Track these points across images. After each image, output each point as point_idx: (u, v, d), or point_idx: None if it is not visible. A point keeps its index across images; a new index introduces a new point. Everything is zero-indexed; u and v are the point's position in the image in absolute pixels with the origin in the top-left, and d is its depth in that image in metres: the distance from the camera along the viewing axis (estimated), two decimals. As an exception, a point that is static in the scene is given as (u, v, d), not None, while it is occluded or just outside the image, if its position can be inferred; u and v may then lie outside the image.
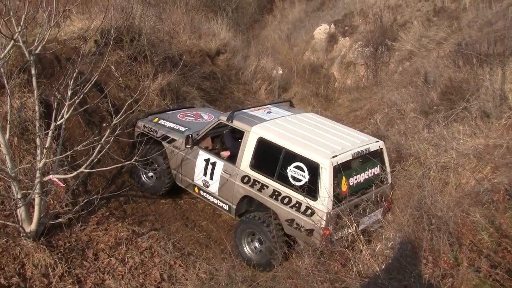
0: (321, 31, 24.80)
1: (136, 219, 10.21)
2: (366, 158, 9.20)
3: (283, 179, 9.00)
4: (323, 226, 8.31)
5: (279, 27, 30.31)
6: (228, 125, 10.05)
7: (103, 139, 8.00)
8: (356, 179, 8.99)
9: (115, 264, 8.76)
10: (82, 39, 12.35)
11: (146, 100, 12.58)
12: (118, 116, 8.06)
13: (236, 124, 9.90)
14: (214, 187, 10.20)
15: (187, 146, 10.34)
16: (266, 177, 9.27)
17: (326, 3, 29.22)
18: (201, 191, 10.55)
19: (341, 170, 8.60)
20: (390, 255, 6.39)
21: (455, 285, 5.33)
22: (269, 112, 10.39)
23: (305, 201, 8.53)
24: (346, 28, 23.98)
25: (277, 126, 9.66)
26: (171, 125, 11.12)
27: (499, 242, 5.77)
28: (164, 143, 10.92)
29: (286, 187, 8.96)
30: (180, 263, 9.05)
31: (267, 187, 9.23)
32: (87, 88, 8.22)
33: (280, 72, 21.48)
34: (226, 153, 10.33)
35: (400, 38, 20.13)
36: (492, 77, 11.39)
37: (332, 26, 24.56)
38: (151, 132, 11.13)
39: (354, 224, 7.70)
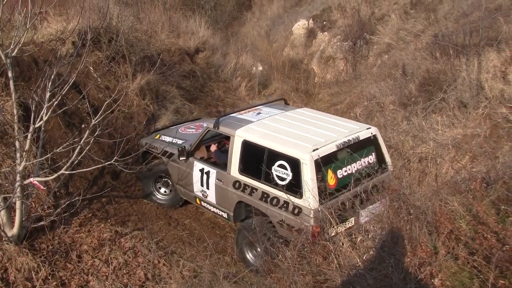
0: (300, 26, 24.88)
1: (119, 219, 10.20)
2: (356, 147, 8.79)
3: (270, 180, 8.70)
4: (312, 224, 7.96)
5: (258, 24, 30.32)
6: (218, 132, 9.90)
7: (82, 140, 7.99)
8: (346, 171, 8.59)
9: (99, 265, 8.77)
10: (60, 40, 12.28)
11: (125, 100, 12.54)
12: (97, 117, 8.06)
13: (222, 129, 9.68)
14: (211, 196, 10.01)
15: (181, 159, 10.16)
16: (254, 180, 9.02)
17: (304, -1, 29.34)
18: (202, 202, 10.38)
19: (326, 163, 8.29)
20: (370, 246, 6.46)
21: (433, 273, 5.41)
22: (259, 113, 10.14)
23: (291, 200, 8.27)
24: (324, 23, 24.07)
25: (262, 126, 9.40)
26: (170, 139, 10.99)
27: (476, 230, 5.84)
28: (164, 158, 10.82)
29: (273, 187, 8.67)
30: (164, 262, 9.06)
31: (256, 190, 8.97)
32: (66, 90, 8.19)
33: (260, 68, 21.48)
34: (213, 147, 10.32)
35: (378, 32, 20.26)
36: (468, 68, 11.54)
37: (311, 21, 24.64)
38: (152, 149, 11.05)
39: (350, 218, 7.76)
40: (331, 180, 8.36)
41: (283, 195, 8.47)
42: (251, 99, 18.19)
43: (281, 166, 8.53)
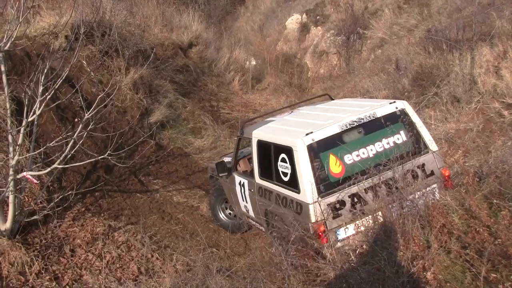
0: (293, 21, 24.88)
1: (112, 213, 10.21)
2: (374, 126, 7.38)
3: (278, 179, 7.65)
4: (312, 221, 6.79)
5: (251, 18, 30.32)
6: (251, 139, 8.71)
7: (75, 134, 7.98)
8: (358, 155, 7.17)
9: (92, 259, 8.77)
10: (52, 34, 12.24)
11: (118, 94, 12.52)
12: (90, 111, 8.04)
13: (246, 134, 8.90)
14: (250, 210, 9.01)
15: (220, 175, 9.47)
16: (269, 182, 7.96)
17: (297, -7, 29.32)
18: (249, 219, 9.45)
19: (326, 147, 7.08)
20: (363, 240, 6.46)
21: (426, 266, 5.44)
22: (291, 112, 9.15)
23: (292, 196, 7.27)
24: (318, 17, 24.06)
25: (279, 123, 8.50)
26: (226, 159, 10.22)
27: (469, 224, 5.87)
28: (220, 179, 10.20)
29: (281, 186, 7.59)
30: (157, 256, 9.07)
31: (272, 193, 7.89)
32: (59, 84, 8.18)
33: (253, 63, 21.52)
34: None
35: (372, 26, 20.24)
36: (461, 63, 11.54)
37: (304, 15, 24.64)
38: (213, 173, 10.50)
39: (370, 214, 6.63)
40: (336, 167, 7.07)
41: (287, 193, 7.43)
42: (244, 93, 18.24)
43: (282, 160, 7.48)
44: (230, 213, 10.49)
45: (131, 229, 9.67)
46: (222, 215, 10.55)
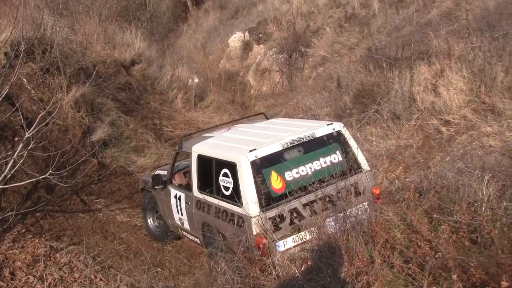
0: (236, 39, 25.03)
1: (54, 234, 9.99)
2: (313, 146, 7.83)
3: (218, 193, 7.93)
4: (253, 234, 7.11)
5: (194, 36, 30.40)
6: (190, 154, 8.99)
7: (15, 154, 7.84)
8: (298, 172, 7.59)
9: (33, 282, 8.55)
10: (-9, 51, 12.02)
11: (60, 112, 12.33)
12: (31, 130, 7.93)
13: (185, 148, 9.20)
14: (186, 222, 9.29)
15: (156, 187, 9.71)
16: (209, 196, 8.26)
17: (240, 11, 29.52)
18: (183, 232, 9.70)
19: (268, 164, 7.46)
20: (308, 257, 6.53)
21: (370, 282, 5.52)
22: (229, 129, 9.47)
23: (234, 210, 7.59)
24: (260, 35, 24.27)
25: (218, 139, 8.80)
26: (161, 172, 10.47)
27: (411, 238, 6.02)
28: (152, 191, 10.41)
29: (222, 200, 7.89)
30: (101, 276, 8.91)
31: (211, 206, 8.22)
32: (-2, 102, 8.04)
33: (196, 80, 21.55)
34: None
35: (314, 44, 20.53)
36: (401, 80, 11.82)
37: (247, 34, 24.83)
38: (145, 185, 10.72)
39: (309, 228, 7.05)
40: (276, 183, 7.46)
41: (229, 207, 7.75)
42: (187, 111, 18.24)
43: (224, 174, 7.80)
44: (159, 223, 10.74)
45: (74, 250, 9.48)
46: (152, 226, 10.83)
